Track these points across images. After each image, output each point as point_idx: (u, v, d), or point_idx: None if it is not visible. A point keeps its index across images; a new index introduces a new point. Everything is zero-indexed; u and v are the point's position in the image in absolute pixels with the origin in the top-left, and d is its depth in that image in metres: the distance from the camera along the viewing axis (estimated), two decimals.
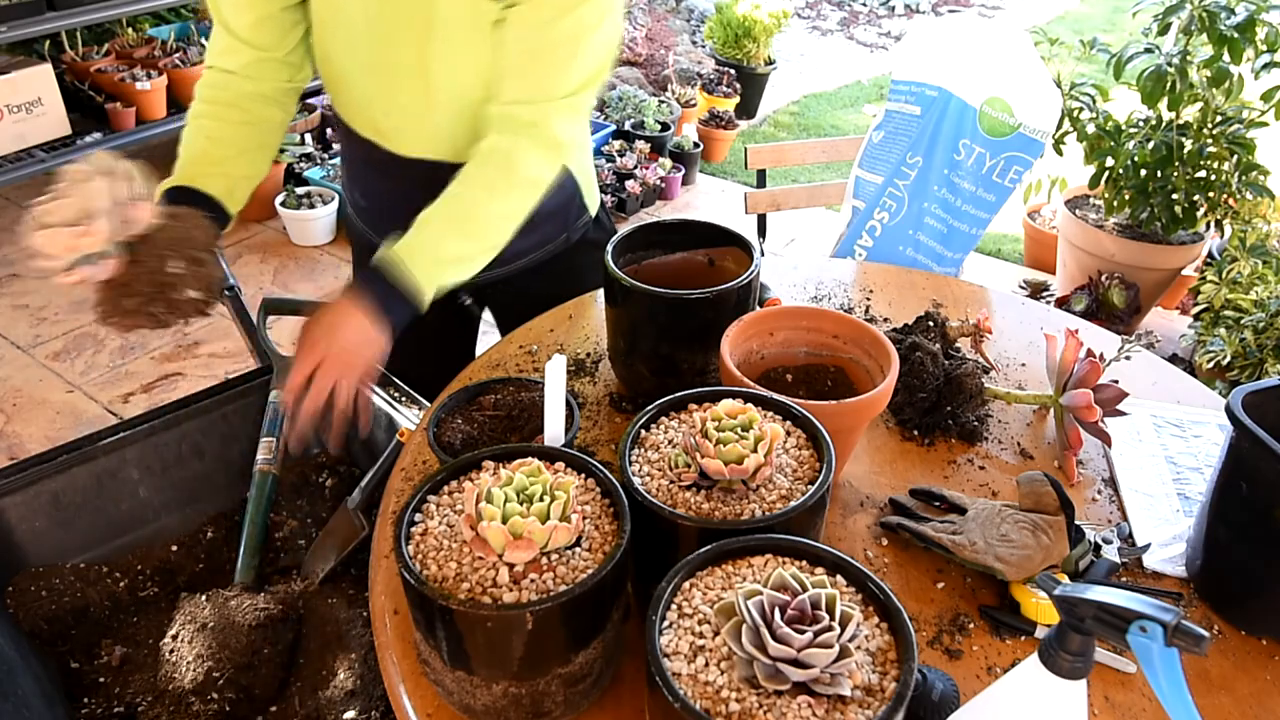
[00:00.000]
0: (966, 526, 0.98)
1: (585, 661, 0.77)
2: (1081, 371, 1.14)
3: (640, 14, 4.49)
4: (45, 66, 3.10)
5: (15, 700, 1.04)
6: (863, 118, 4.70)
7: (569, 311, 1.42)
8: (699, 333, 1.11)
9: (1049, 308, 1.52)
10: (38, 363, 2.75)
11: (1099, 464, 1.17)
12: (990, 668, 0.89)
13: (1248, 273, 2.37)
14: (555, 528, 0.73)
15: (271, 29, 1.16)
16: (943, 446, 1.17)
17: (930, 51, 1.97)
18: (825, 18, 6.39)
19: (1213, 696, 0.88)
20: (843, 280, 1.54)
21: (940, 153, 1.93)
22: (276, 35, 1.17)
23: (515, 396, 1.07)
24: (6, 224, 3.44)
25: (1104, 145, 2.60)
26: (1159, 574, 1.01)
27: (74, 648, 1.25)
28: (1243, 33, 2.33)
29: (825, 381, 1.10)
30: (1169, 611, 0.57)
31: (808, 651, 0.63)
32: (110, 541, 1.37)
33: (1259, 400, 0.93)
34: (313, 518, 1.45)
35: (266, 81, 1.19)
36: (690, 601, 0.71)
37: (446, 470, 0.83)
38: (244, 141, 1.19)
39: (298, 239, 3.36)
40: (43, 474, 1.29)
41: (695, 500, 0.82)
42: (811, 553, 0.74)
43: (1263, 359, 2.23)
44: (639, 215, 3.68)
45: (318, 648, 1.20)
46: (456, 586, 0.72)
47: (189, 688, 1.12)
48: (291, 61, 1.20)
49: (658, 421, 0.91)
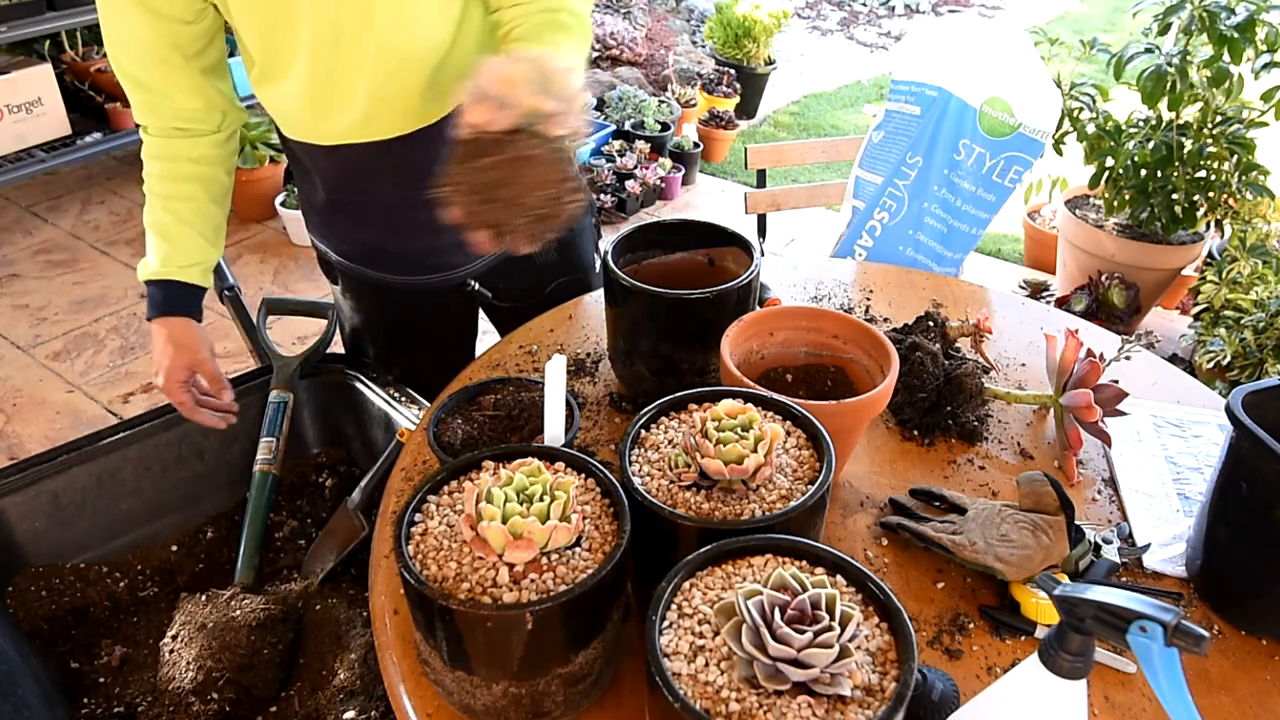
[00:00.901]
0: (966, 526, 0.98)
1: (585, 661, 0.77)
2: (1081, 371, 1.14)
3: (640, 14, 4.49)
4: (45, 66, 3.10)
5: (15, 700, 1.04)
6: (863, 118, 4.70)
7: (569, 311, 1.42)
8: (699, 333, 1.11)
9: (1049, 308, 1.52)
10: (38, 363, 2.75)
11: (1099, 464, 1.17)
12: (990, 668, 0.89)
13: (1248, 273, 2.37)
14: (555, 528, 0.73)
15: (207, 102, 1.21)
16: (943, 446, 1.17)
17: (930, 51, 1.97)
18: (825, 18, 6.39)
19: (1213, 696, 0.88)
20: (843, 280, 1.54)
21: (940, 153, 1.93)
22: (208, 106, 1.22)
23: (515, 396, 1.07)
24: (7, 224, 3.44)
25: (1104, 145, 2.60)
26: (1159, 574, 1.01)
27: (74, 648, 1.25)
28: (1243, 33, 2.33)
29: (825, 381, 1.10)
30: (1169, 611, 0.57)
31: (808, 651, 0.63)
32: (110, 541, 1.37)
33: (1259, 400, 0.93)
34: (313, 518, 1.46)
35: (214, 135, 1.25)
36: (690, 601, 0.71)
37: (446, 470, 0.83)
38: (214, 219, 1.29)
39: (298, 239, 3.36)
40: (43, 474, 1.29)
41: (695, 500, 0.82)
42: (811, 553, 0.74)
43: (1263, 359, 2.23)
44: (639, 215, 3.68)
45: (318, 648, 1.21)
46: (456, 586, 0.72)
47: (189, 688, 1.12)
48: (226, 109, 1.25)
49: (658, 421, 0.91)
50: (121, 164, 3.84)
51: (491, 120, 0.86)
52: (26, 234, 3.39)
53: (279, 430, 1.39)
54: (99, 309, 3.00)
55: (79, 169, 3.77)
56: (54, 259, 3.25)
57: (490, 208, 0.89)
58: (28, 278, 3.14)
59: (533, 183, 0.88)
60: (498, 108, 0.86)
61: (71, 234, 3.40)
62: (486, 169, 0.87)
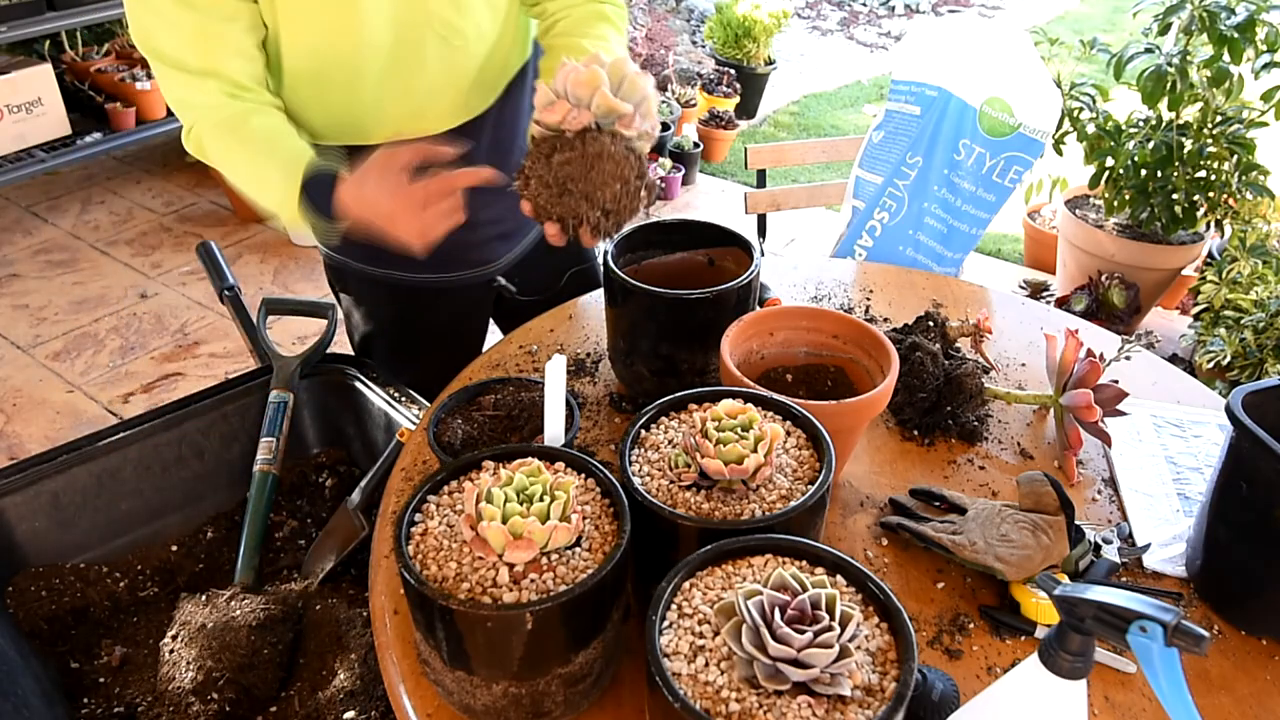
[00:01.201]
0: (966, 526, 0.98)
1: (585, 661, 0.77)
2: (1081, 371, 1.14)
3: (640, 14, 4.49)
4: (45, 66, 3.11)
5: (15, 700, 1.04)
6: (863, 118, 4.70)
7: (569, 311, 1.42)
8: (699, 333, 1.11)
9: (1049, 308, 1.52)
10: (38, 363, 2.75)
11: (1099, 464, 1.17)
12: (990, 668, 0.89)
13: (1248, 273, 2.37)
14: (555, 528, 0.73)
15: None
16: (943, 446, 1.17)
17: (930, 51, 1.97)
18: (825, 18, 6.39)
19: (1213, 696, 0.88)
20: (843, 280, 1.54)
21: (940, 153, 1.93)
22: None
23: (515, 396, 1.07)
24: (7, 224, 3.44)
25: (1104, 145, 2.60)
26: (1159, 574, 1.01)
27: (74, 648, 1.25)
28: (1243, 33, 2.33)
29: (825, 381, 1.10)
30: (1169, 611, 0.57)
31: (808, 651, 0.63)
32: (110, 541, 1.37)
33: (1259, 400, 0.93)
34: (313, 518, 1.45)
35: None
36: (690, 601, 0.71)
37: (446, 470, 0.83)
38: None
39: (297, 239, 3.36)
40: (43, 474, 1.29)
41: (695, 500, 0.82)
42: (811, 553, 0.74)
43: (1263, 359, 2.23)
44: None
45: (318, 648, 1.20)
46: (456, 586, 0.72)
47: (189, 688, 1.12)
48: None
49: (658, 421, 0.91)
50: (121, 164, 3.84)
51: (568, 119, 0.92)
52: (26, 234, 3.39)
53: (279, 430, 1.39)
54: (99, 309, 3.00)
55: (79, 169, 3.77)
56: (54, 259, 3.25)
57: (563, 201, 0.94)
58: (28, 278, 3.14)
59: (605, 179, 0.93)
60: (575, 107, 0.92)
61: (71, 234, 3.40)
62: (562, 165, 0.93)
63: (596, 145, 0.93)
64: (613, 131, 0.95)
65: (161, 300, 3.04)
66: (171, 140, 3.65)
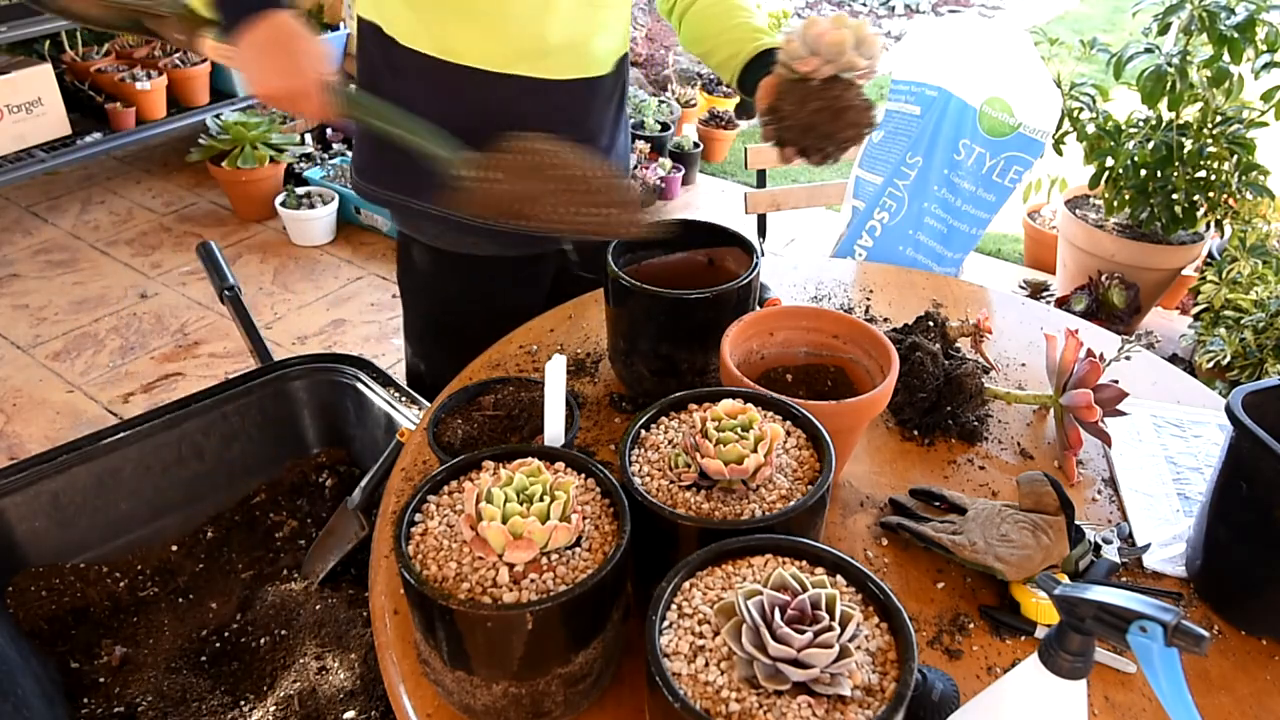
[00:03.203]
0: (966, 526, 0.98)
1: (585, 661, 0.77)
2: (1081, 371, 1.14)
3: (640, 14, 4.48)
4: (45, 66, 3.11)
5: (15, 700, 1.04)
6: None
7: (569, 311, 1.42)
8: (699, 333, 1.11)
9: (1049, 308, 1.52)
10: (38, 363, 2.75)
11: (1099, 464, 1.17)
12: (990, 668, 0.89)
13: (1248, 273, 2.37)
14: (555, 528, 0.73)
15: None
16: (943, 446, 1.17)
17: (930, 51, 1.97)
18: None
19: (1213, 696, 0.88)
20: (843, 280, 1.54)
21: (940, 153, 1.93)
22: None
23: (515, 396, 1.07)
24: (7, 224, 3.44)
25: (1104, 145, 2.60)
26: (1159, 574, 1.01)
27: (74, 648, 1.25)
28: (1243, 33, 2.33)
29: (825, 381, 1.10)
30: (1169, 611, 0.57)
31: (808, 651, 0.63)
32: (110, 541, 1.37)
33: (1259, 400, 0.93)
34: (313, 518, 1.46)
35: None
36: (690, 601, 0.71)
37: (446, 470, 0.83)
38: None
39: (297, 239, 3.36)
40: (43, 474, 1.29)
41: (695, 500, 0.82)
42: (811, 553, 0.74)
43: (1263, 359, 2.23)
44: None
45: (318, 648, 1.21)
46: (456, 586, 0.72)
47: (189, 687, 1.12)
48: None
49: (658, 421, 0.91)
50: (121, 164, 3.84)
51: (817, 70, 1.10)
52: (26, 234, 3.39)
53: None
54: (99, 309, 3.00)
55: (79, 169, 3.77)
56: (54, 259, 3.25)
57: (807, 136, 1.14)
58: (28, 278, 3.14)
59: (847, 124, 1.12)
60: (824, 61, 1.09)
61: (71, 234, 3.40)
62: (814, 112, 1.12)
63: (842, 96, 1.11)
64: (849, 81, 1.12)
65: (161, 300, 3.05)
66: (171, 140, 3.66)
